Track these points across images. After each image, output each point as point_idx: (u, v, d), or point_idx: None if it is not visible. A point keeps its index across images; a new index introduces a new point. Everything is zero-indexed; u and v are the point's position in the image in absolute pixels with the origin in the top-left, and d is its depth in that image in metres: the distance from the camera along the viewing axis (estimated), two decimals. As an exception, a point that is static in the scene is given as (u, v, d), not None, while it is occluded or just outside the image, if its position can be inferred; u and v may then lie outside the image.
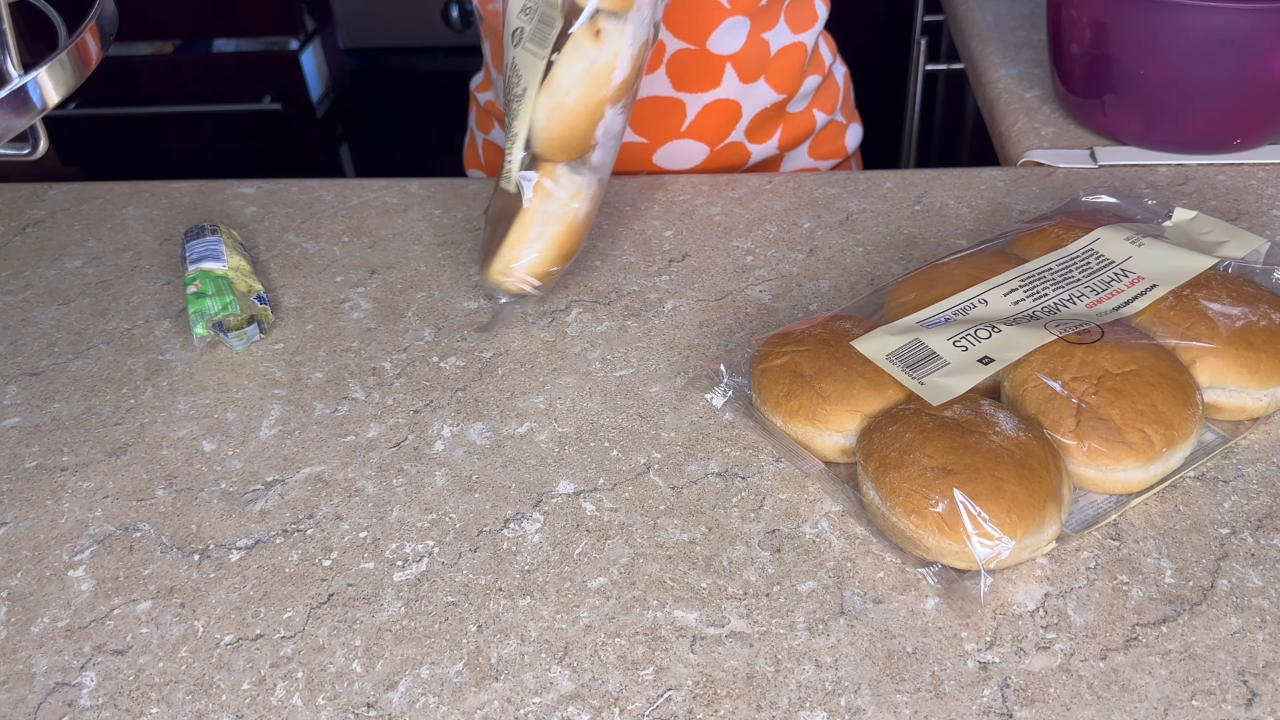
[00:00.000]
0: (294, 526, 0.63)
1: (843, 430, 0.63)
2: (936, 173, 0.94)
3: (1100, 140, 0.97)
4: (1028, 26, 1.19)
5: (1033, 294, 0.68)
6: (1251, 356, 0.63)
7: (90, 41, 0.53)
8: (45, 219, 0.95)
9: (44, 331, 0.80)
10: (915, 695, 0.52)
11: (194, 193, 0.97)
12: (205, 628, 0.57)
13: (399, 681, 0.54)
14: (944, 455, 0.56)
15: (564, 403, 0.70)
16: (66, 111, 2.21)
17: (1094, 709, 0.51)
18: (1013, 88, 1.07)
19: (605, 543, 0.60)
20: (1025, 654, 0.53)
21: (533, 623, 0.56)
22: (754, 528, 0.61)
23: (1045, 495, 0.56)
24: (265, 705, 0.53)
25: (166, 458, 0.68)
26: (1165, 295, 0.67)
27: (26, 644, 0.57)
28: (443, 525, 0.62)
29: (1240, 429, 0.65)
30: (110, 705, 0.53)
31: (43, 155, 0.57)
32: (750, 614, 0.56)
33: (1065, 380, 0.61)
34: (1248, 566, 0.57)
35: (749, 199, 0.91)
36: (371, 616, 0.57)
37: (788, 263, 0.83)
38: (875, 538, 0.59)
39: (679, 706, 0.52)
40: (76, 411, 0.72)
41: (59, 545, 0.62)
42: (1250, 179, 0.90)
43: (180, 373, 0.75)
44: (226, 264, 0.80)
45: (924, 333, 0.65)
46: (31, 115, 0.50)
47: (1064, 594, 0.56)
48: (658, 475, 0.64)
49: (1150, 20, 0.85)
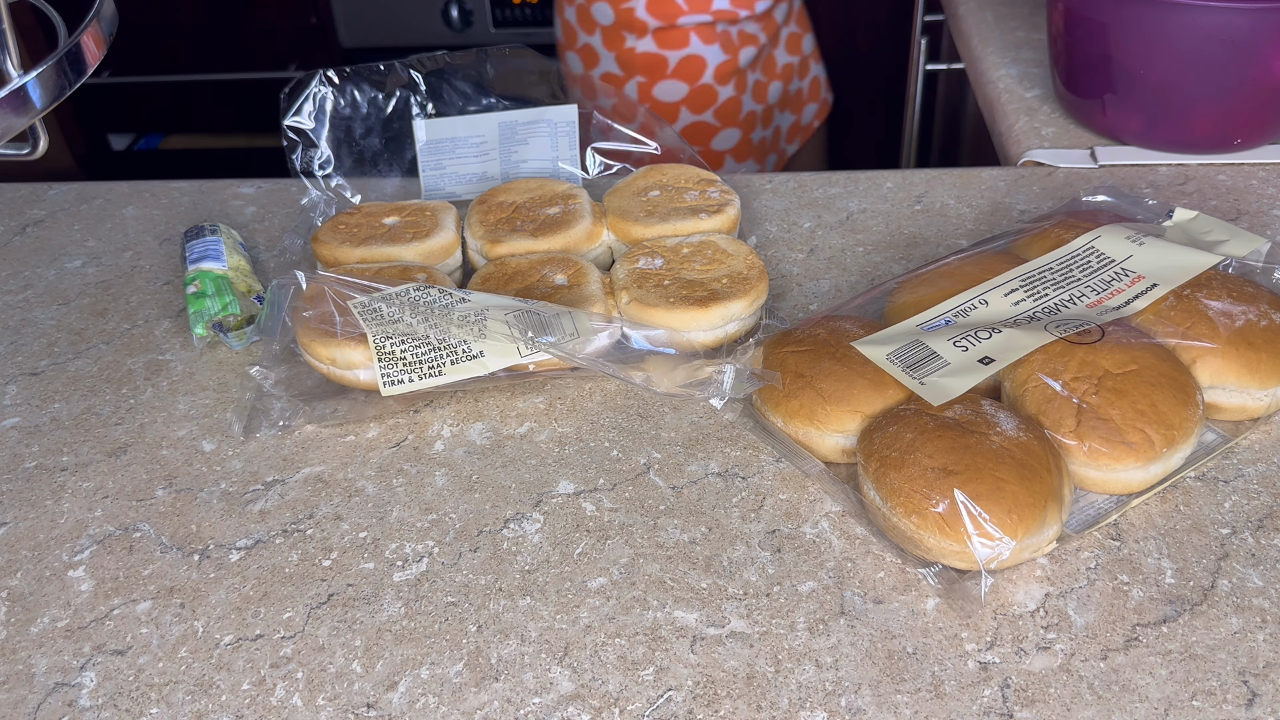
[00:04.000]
0: (294, 526, 0.63)
1: (843, 430, 0.63)
2: (936, 173, 0.94)
3: (1100, 140, 0.97)
4: (1028, 26, 1.19)
5: (1033, 294, 0.67)
6: (1252, 356, 0.63)
7: (90, 41, 0.53)
8: (45, 219, 0.95)
9: (44, 331, 0.80)
10: (915, 695, 0.52)
11: (194, 193, 0.97)
12: (205, 628, 0.57)
13: (399, 682, 0.54)
14: (945, 455, 0.56)
15: (564, 403, 0.70)
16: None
17: (1094, 709, 0.51)
18: (1013, 88, 1.07)
19: (605, 543, 0.60)
20: (1026, 654, 0.53)
21: (533, 623, 0.56)
22: (754, 528, 0.61)
23: (1046, 495, 0.56)
24: (265, 705, 0.53)
25: (166, 458, 0.68)
26: (1166, 295, 0.67)
27: (26, 644, 0.57)
28: (443, 525, 0.62)
29: (1241, 429, 0.65)
30: (110, 705, 0.53)
31: (42, 155, 0.57)
32: (750, 614, 0.56)
33: (1066, 380, 0.61)
34: (1248, 566, 0.57)
35: (749, 199, 0.91)
36: (371, 617, 0.57)
37: (788, 263, 0.83)
38: (875, 538, 0.59)
39: (679, 707, 0.52)
40: (76, 411, 0.72)
41: (59, 545, 0.62)
42: (1250, 179, 0.90)
43: (180, 373, 0.75)
44: (226, 264, 0.80)
45: (924, 334, 0.65)
46: (31, 115, 0.50)
47: (1064, 594, 0.56)
48: (658, 475, 0.64)
49: (1150, 20, 0.85)
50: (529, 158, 0.91)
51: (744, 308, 0.72)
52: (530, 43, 1.28)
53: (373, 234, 0.80)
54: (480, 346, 0.67)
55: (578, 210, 0.82)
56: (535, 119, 0.92)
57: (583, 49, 1.43)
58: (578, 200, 0.83)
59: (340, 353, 0.68)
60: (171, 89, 2.40)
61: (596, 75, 1.44)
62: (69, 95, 0.52)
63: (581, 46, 1.43)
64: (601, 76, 1.44)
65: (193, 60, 2.34)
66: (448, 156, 0.92)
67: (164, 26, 2.29)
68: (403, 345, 0.67)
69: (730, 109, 1.44)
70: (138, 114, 2.48)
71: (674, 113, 1.43)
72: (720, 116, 1.44)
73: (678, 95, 1.42)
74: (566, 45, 1.47)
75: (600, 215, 0.82)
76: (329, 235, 0.80)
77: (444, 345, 0.67)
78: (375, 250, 0.79)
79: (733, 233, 0.81)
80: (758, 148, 1.52)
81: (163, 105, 2.44)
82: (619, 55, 1.41)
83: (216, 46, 2.32)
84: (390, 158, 0.94)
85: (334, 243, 0.80)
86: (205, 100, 2.41)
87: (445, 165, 0.92)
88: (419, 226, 0.80)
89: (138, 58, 2.33)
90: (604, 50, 1.42)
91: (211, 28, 2.30)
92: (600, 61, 1.43)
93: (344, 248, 0.79)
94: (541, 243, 0.79)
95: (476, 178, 0.92)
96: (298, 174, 0.90)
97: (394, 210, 0.83)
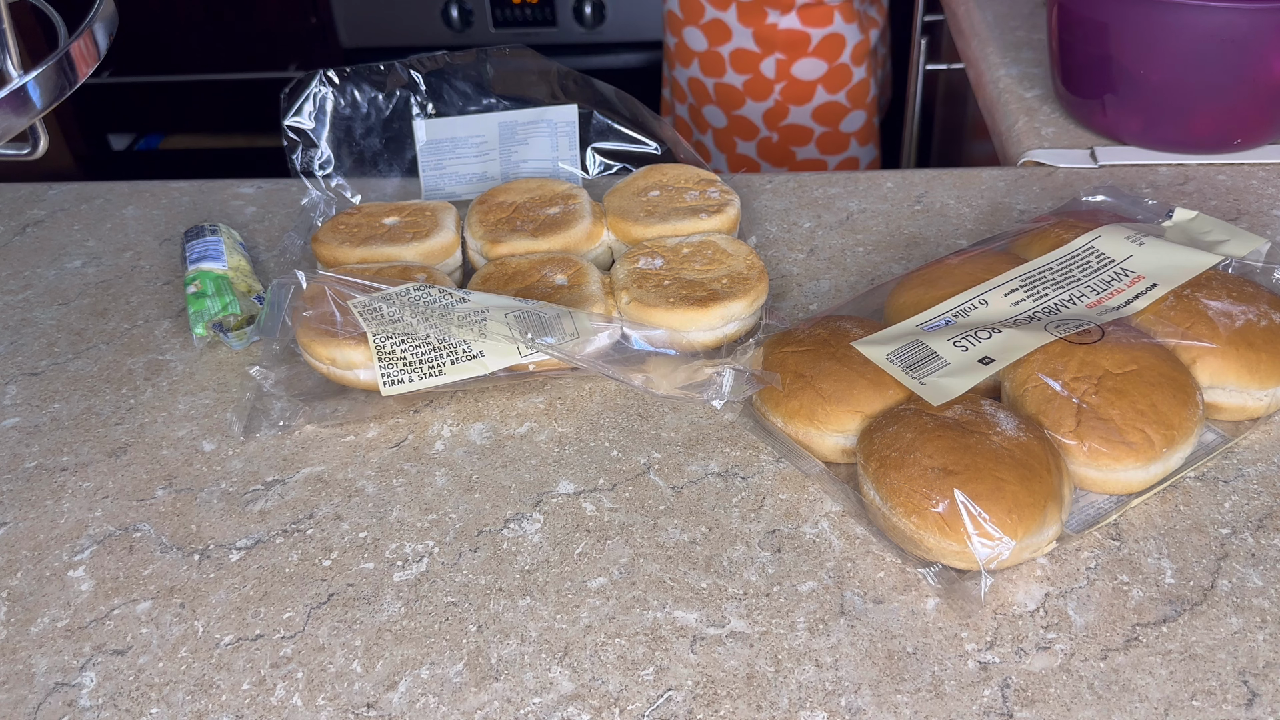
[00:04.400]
0: (294, 526, 0.63)
1: (843, 430, 0.63)
2: (936, 173, 0.94)
3: (1100, 140, 0.97)
4: (1028, 26, 1.19)
5: (1033, 294, 0.68)
6: (1252, 356, 0.63)
7: (89, 42, 0.53)
8: (45, 219, 0.95)
9: (44, 331, 0.80)
10: (915, 695, 0.52)
11: (194, 192, 0.97)
12: (205, 628, 0.57)
13: (399, 681, 0.54)
14: (944, 455, 0.56)
15: (564, 403, 0.70)
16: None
17: (1094, 709, 0.51)
18: (1013, 88, 1.07)
19: (605, 543, 0.60)
20: (1025, 654, 0.53)
21: (533, 623, 0.56)
22: (754, 528, 0.61)
23: (1046, 495, 0.56)
24: (265, 705, 0.53)
25: (166, 458, 0.68)
26: (1166, 295, 0.67)
27: (26, 644, 0.57)
28: (443, 525, 0.62)
29: (1240, 429, 0.65)
30: (110, 705, 0.53)
31: (42, 155, 0.57)
32: (750, 614, 0.56)
33: (1066, 380, 0.61)
34: (1248, 566, 0.57)
35: (749, 199, 0.91)
36: (371, 616, 0.57)
37: (788, 263, 0.83)
38: (875, 538, 0.59)
39: (679, 706, 0.52)
40: (76, 411, 0.72)
41: (59, 545, 0.62)
42: (1250, 179, 0.90)
43: (180, 373, 0.75)
44: (226, 264, 0.80)
45: (924, 334, 0.65)
46: (31, 115, 0.50)
47: (1064, 594, 0.56)
48: (658, 475, 0.64)
49: (1150, 20, 0.85)
50: (529, 158, 0.91)
51: (744, 308, 0.72)
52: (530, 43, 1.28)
53: (373, 234, 0.80)
54: (480, 346, 0.67)
55: (578, 210, 0.82)
56: (535, 119, 0.92)
57: (709, 24, 1.41)
58: (578, 200, 0.83)
59: (340, 353, 0.68)
60: (171, 89, 2.40)
61: (726, 51, 1.41)
62: (69, 95, 0.52)
63: (708, 22, 1.41)
64: (732, 53, 1.41)
65: (193, 60, 2.34)
66: (448, 156, 0.92)
67: (164, 26, 2.29)
68: (403, 345, 0.67)
69: (861, 91, 1.44)
70: (138, 114, 2.48)
71: (809, 92, 1.42)
72: (852, 97, 1.44)
73: (816, 73, 1.42)
74: (686, 20, 1.44)
75: (600, 215, 0.82)
76: (329, 235, 0.80)
77: (444, 345, 0.67)
78: (375, 250, 0.79)
79: (733, 233, 0.81)
80: (876, 132, 1.52)
81: (163, 105, 2.44)
82: (757, 31, 1.39)
83: (216, 46, 2.32)
84: (390, 158, 0.94)
85: (334, 243, 0.80)
86: (205, 100, 2.41)
87: (445, 165, 0.92)
88: (419, 226, 0.81)
89: (138, 58, 2.33)
90: (739, 25, 1.39)
91: (211, 28, 2.30)
92: (733, 37, 1.40)
93: (344, 248, 0.79)
94: (541, 243, 0.79)
95: (476, 178, 0.92)
96: (298, 174, 0.90)
97: (394, 210, 0.83)
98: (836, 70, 1.41)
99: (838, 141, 1.47)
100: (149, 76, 2.37)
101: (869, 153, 1.52)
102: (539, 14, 2.18)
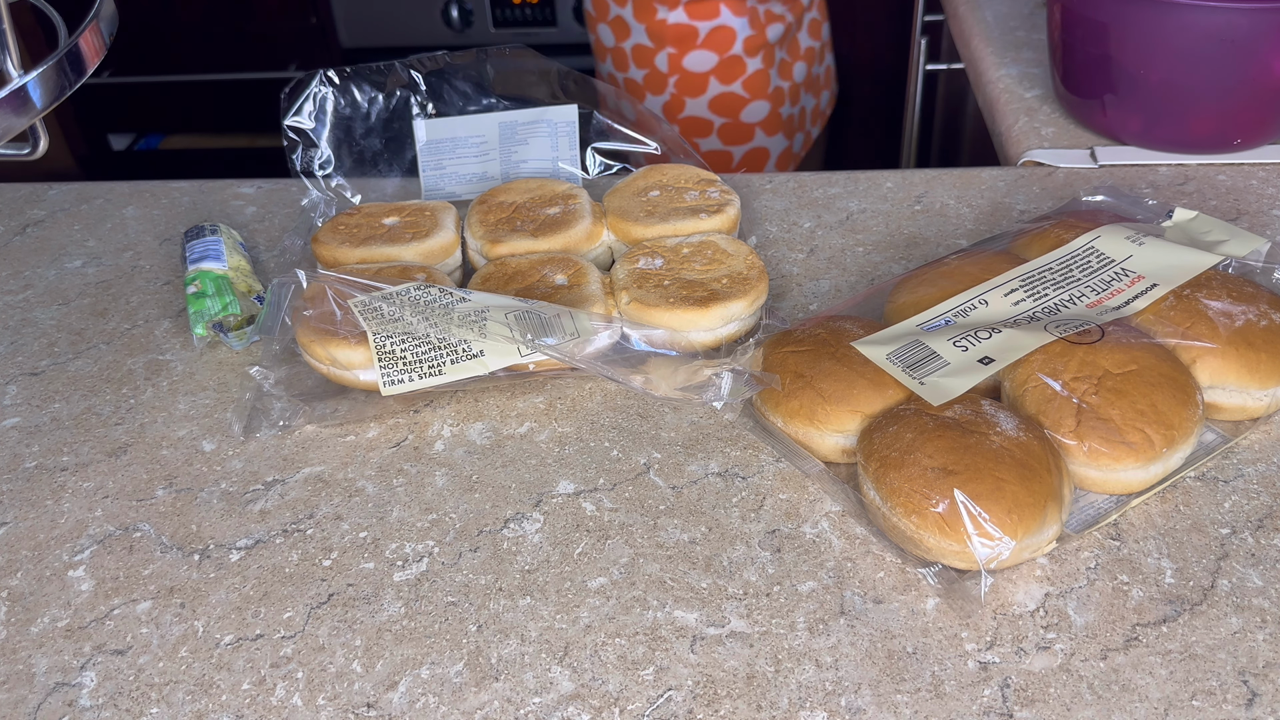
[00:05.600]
0: (294, 526, 0.63)
1: (843, 430, 0.63)
2: (936, 173, 0.94)
3: (1100, 140, 0.97)
4: (1028, 26, 1.19)
5: (1033, 294, 0.68)
6: (1252, 356, 0.63)
7: (90, 41, 0.53)
8: (45, 219, 0.95)
9: (44, 331, 0.80)
10: (915, 695, 0.52)
11: (194, 192, 0.97)
12: (205, 628, 0.57)
13: (399, 681, 0.54)
14: (944, 455, 0.56)
15: (564, 403, 0.70)
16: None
17: (1094, 709, 0.51)
18: (1013, 88, 1.07)
19: (605, 543, 0.60)
20: (1025, 654, 0.53)
21: (533, 623, 0.56)
22: (754, 528, 0.61)
23: (1046, 495, 0.56)
24: (265, 705, 0.53)
25: (166, 458, 0.68)
26: (1165, 295, 0.67)
27: (26, 644, 0.57)
28: (443, 525, 0.62)
29: (1240, 429, 0.65)
30: (110, 705, 0.53)
31: (42, 155, 0.57)
32: (750, 614, 0.56)
33: (1065, 380, 0.61)
34: (1248, 566, 0.57)
35: (750, 199, 0.91)
36: (371, 616, 0.57)
37: (788, 263, 0.83)
38: (875, 538, 0.59)
39: (679, 706, 0.52)
40: (76, 411, 0.72)
41: (59, 545, 0.62)
42: (1250, 179, 0.90)
43: (180, 373, 0.75)
44: (226, 264, 0.80)
45: (924, 334, 0.65)
46: (31, 115, 0.50)
47: (1064, 594, 0.56)
48: (658, 475, 0.64)
49: (1150, 20, 0.85)
50: (529, 158, 0.91)
51: (744, 308, 0.72)
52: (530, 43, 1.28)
53: (372, 234, 0.80)
54: (480, 346, 0.67)
55: (578, 210, 0.82)
56: (535, 119, 0.92)
57: (614, 21, 1.46)
58: (578, 200, 0.83)
59: (340, 352, 0.68)
60: (171, 89, 2.40)
61: (628, 47, 1.46)
62: (69, 95, 0.52)
63: (613, 19, 1.46)
64: (633, 49, 1.46)
65: (193, 60, 2.35)
66: (448, 156, 0.92)
67: (164, 26, 2.29)
68: (403, 345, 0.67)
69: (758, 81, 1.46)
70: (138, 114, 2.48)
71: (703, 83, 1.46)
72: (749, 88, 1.46)
73: (707, 65, 1.45)
74: (597, 18, 1.50)
75: (600, 215, 0.82)
76: (329, 236, 0.80)
77: (444, 344, 0.67)
78: (375, 250, 0.79)
79: (733, 233, 0.81)
80: (786, 123, 1.53)
81: (163, 105, 2.44)
82: (649, 27, 1.44)
83: (216, 46, 2.32)
84: (390, 158, 0.94)
85: (334, 243, 0.80)
86: (205, 100, 2.41)
87: (445, 165, 0.92)
88: (419, 226, 0.81)
89: (138, 58, 2.33)
90: (634, 22, 1.44)
91: (211, 28, 2.30)
92: (631, 33, 1.45)
93: (344, 248, 0.79)
94: (541, 243, 0.79)
95: (476, 178, 0.92)
96: (298, 174, 0.90)
97: (394, 210, 0.83)
98: (728, 61, 1.45)
99: (741, 132, 1.50)
100: (149, 76, 2.37)
101: (778, 143, 1.53)
102: (539, 14, 2.18)
